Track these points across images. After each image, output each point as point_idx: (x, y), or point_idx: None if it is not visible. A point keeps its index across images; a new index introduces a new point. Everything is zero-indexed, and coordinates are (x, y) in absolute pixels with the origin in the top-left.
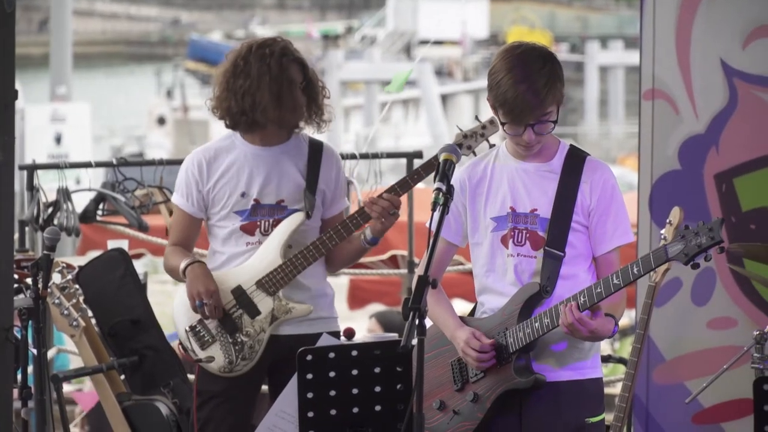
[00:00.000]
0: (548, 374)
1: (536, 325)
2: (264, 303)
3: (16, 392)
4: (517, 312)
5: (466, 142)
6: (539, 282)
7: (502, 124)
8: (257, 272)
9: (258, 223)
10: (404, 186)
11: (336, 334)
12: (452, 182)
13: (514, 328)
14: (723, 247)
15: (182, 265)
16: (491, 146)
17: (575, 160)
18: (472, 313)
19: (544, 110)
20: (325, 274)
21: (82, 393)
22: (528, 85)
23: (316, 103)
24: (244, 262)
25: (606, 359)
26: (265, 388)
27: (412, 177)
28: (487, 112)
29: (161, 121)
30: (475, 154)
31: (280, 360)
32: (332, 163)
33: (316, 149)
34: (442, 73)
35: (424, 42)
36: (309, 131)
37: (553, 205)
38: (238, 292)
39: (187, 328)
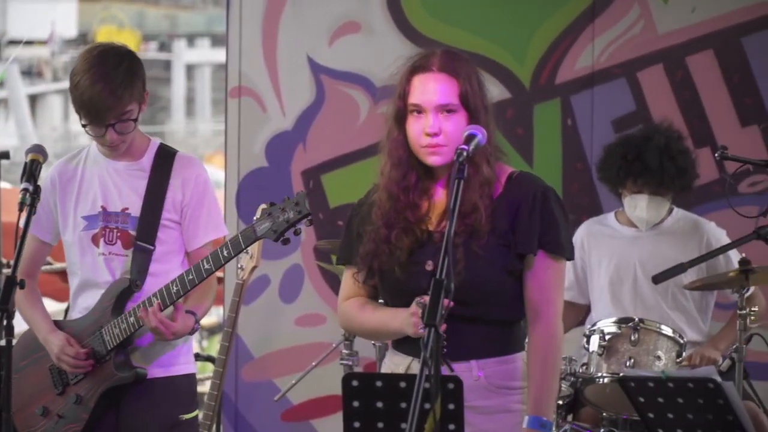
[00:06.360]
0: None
1: (131, 320)
2: None
3: None
4: (110, 308)
5: None
6: (129, 277)
7: (84, 125)
8: None
9: None
10: None
11: None
12: (44, 180)
13: (110, 325)
14: (311, 220)
15: None
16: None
17: (165, 157)
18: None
19: (123, 109)
20: None
21: None
22: (104, 84)
23: None
24: None
25: (194, 357)
26: None
27: None
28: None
29: None
30: None
31: None
32: None
33: None
34: (32, 73)
35: (14, 42)
36: None
37: (143, 203)
38: None
39: None
